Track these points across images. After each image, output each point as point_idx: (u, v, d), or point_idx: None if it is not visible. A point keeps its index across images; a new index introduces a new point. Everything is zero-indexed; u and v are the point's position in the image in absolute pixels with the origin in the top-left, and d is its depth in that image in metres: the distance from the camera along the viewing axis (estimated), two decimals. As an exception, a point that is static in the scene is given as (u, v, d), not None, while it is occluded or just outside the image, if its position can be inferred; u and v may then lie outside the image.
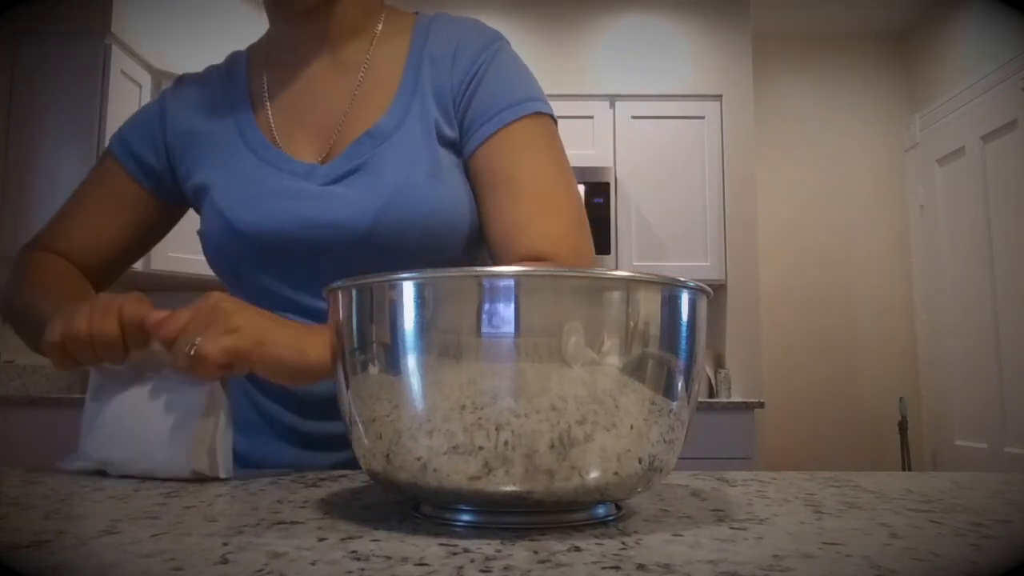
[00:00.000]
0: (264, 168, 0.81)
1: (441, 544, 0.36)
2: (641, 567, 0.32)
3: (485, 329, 0.37)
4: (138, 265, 3.08)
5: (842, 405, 4.18)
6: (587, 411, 0.37)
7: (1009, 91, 3.46)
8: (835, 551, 0.35)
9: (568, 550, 0.35)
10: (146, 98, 3.25)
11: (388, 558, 0.33)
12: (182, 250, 3.06)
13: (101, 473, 0.61)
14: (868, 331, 4.22)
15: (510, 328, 0.37)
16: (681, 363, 0.41)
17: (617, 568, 0.32)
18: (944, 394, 3.92)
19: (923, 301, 4.12)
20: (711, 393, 3.51)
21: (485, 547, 0.36)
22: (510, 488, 0.38)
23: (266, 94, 0.86)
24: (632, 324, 0.38)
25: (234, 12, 3.50)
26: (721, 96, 3.67)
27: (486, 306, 0.37)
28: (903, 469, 3.92)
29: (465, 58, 0.81)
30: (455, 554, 0.34)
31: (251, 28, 1.05)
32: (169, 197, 0.89)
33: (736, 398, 3.43)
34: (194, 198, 0.86)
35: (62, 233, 0.88)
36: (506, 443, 0.37)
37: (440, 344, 0.38)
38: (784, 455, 4.08)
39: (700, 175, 3.61)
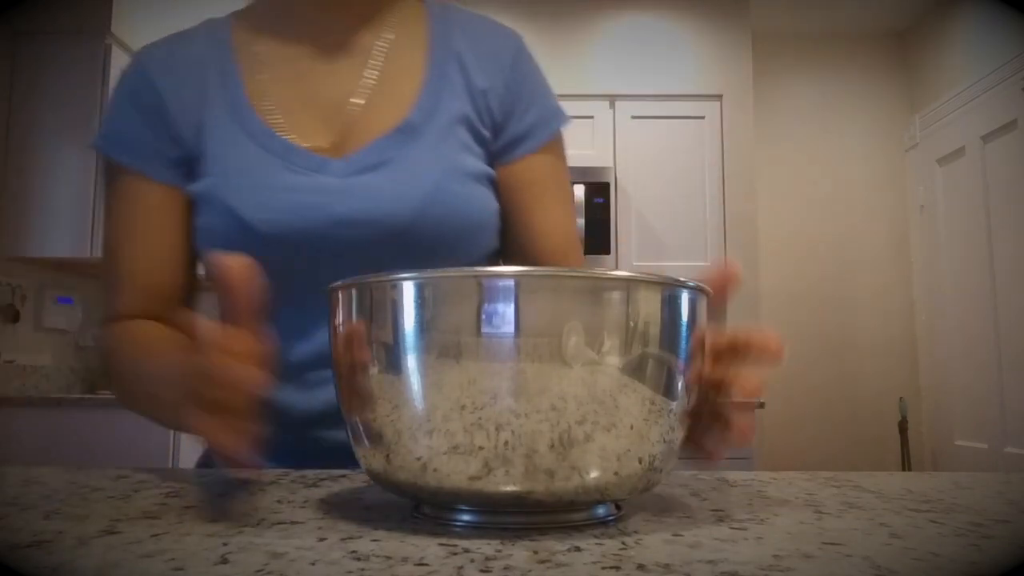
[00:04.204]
0: (268, 159, 0.73)
1: (441, 544, 0.36)
2: (641, 567, 0.32)
3: (485, 329, 0.37)
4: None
5: (842, 405, 4.17)
6: (587, 411, 0.37)
7: (1009, 91, 3.46)
8: (835, 551, 0.35)
9: (568, 550, 0.35)
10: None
11: (388, 558, 0.33)
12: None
13: (101, 472, 0.61)
14: (868, 331, 4.22)
15: (510, 328, 0.37)
16: (681, 363, 0.41)
17: (617, 568, 0.32)
18: (944, 394, 3.92)
19: (923, 301, 4.12)
20: (711, 393, 3.50)
21: (485, 547, 0.36)
22: (510, 488, 0.38)
23: (260, 72, 0.78)
24: (632, 324, 0.38)
25: (234, 12, 3.50)
26: (721, 96, 3.67)
27: (486, 306, 0.37)
28: (903, 469, 3.92)
29: (498, 63, 0.81)
30: (455, 554, 0.34)
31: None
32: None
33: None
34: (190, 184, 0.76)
35: (123, 289, 0.76)
36: (506, 443, 0.37)
37: (440, 344, 0.38)
38: (784, 455, 4.08)
39: (700, 175, 3.61)
